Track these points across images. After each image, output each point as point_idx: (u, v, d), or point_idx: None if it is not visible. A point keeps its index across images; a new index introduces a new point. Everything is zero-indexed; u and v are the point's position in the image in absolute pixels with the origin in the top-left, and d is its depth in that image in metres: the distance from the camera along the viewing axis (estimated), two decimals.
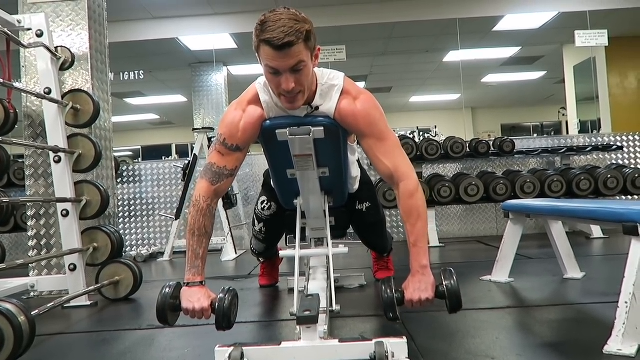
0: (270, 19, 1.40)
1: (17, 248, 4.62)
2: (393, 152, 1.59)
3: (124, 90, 8.60)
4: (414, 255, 1.51)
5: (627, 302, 1.40)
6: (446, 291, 1.44)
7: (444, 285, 1.45)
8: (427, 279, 1.47)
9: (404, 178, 1.57)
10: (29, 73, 2.84)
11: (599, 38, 5.57)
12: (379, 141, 1.59)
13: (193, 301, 1.44)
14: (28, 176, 2.81)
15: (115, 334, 1.94)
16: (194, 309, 1.44)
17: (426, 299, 1.44)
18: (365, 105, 1.59)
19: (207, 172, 1.60)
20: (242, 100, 1.63)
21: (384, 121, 1.62)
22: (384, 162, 1.58)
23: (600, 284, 2.36)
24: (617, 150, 4.70)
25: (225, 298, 1.42)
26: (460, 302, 1.44)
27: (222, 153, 1.59)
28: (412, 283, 1.47)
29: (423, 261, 1.49)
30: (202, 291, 1.47)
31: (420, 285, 1.46)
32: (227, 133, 1.59)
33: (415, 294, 1.45)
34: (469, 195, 4.15)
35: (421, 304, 1.45)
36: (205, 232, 1.56)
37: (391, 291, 1.43)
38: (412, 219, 1.55)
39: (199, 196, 1.58)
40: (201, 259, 1.55)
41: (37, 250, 2.78)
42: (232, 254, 4.09)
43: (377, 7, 5.94)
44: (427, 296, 1.44)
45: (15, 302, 1.62)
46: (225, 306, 1.41)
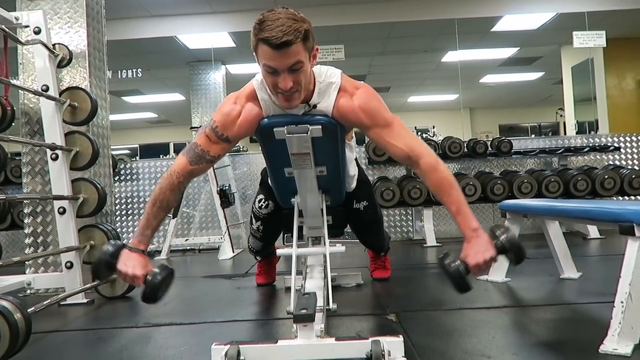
0: (268, 18, 1.40)
1: (14, 245, 4.61)
2: (402, 134, 1.59)
3: (121, 89, 8.59)
4: (462, 222, 1.49)
5: (622, 302, 1.41)
6: (507, 243, 1.42)
7: (501, 240, 1.42)
8: (483, 240, 1.44)
9: (422, 155, 1.55)
10: (26, 70, 2.83)
11: (597, 39, 5.58)
12: (385, 128, 1.59)
13: (129, 265, 1.47)
14: (25, 173, 2.80)
15: (111, 331, 1.94)
16: (126, 272, 1.46)
17: (490, 258, 1.41)
18: (363, 99, 1.60)
19: (190, 151, 1.60)
20: (241, 95, 1.62)
21: (385, 108, 1.62)
22: (397, 145, 1.57)
23: (597, 284, 2.37)
24: (614, 151, 4.72)
25: (158, 273, 1.45)
26: (523, 251, 1.43)
27: (210, 138, 1.59)
28: (470, 249, 1.44)
29: (473, 224, 1.47)
30: (141, 259, 1.50)
31: (479, 247, 1.43)
32: (221, 122, 1.59)
33: (478, 257, 1.41)
34: (466, 195, 4.15)
35: (487, 265, 1.41)
36: (166, 206, 1.59)
37: (455, 263, 1.41)
38: (445, 189, 1.53)
39: (174, 171, 1.58)
40: (152, 229, 1.58)
41: (33, 248, 2.77)
42: (230, 253, 4.09)
43: (376, 7, 5.94)
44: (490, 255, 1.41)
45: (11, 300, 1.61)
46: (156, 281, 1.44)
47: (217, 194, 4.20)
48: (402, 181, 4.28)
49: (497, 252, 1.42)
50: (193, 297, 2.62)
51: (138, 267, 1.47)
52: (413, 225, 4.76)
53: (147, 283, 1.44)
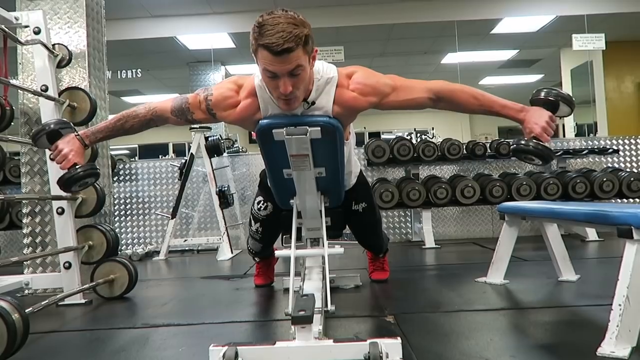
0: (268, 22, 1.39)
1: (12, 245, 4.60)
2: (411, 86, 1.65)
3: (121, 89, 8.59)
4: (510, 112, 1.60)
5: (620, 305, 1.41)
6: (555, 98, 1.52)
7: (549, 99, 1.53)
8: (534, 111, 1.55)
9: (438, 90, 1.64)
10: (25, 70, 2.83)
11: (596, 42, 5.59)
12: (393, 92, 1.64)
13: (67, 146, 1.58)
14: (24, 173, 2.80)
15: (109, 332, 1.94)
16: (62, 150, 1.58)
17: (549, 117, 1.51)
18: (360, 83, 1.62)
19: (178, 101, 1.66)
20: (245, 87, 1.64)
21: (381, 76, 1.66)
22: (413, 98, 1.64)
23: (595, 287, 2.37)
24: (613, 153, 4.72)
25: (83, 168, 1.59)
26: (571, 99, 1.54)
27: (199, 105, 1.64)
28: (529, 123, 1.54)
29: (518, 106, 1.59)
30: (80, 149, 1.62)
31: (535, 117, 1.53)
32: (215, 100, 1.63)
33: (540, 124, 1.51)
34: (465, 197, 4.16)
35: (549, 125, 1.51)
36: (127, 129, 1.71)
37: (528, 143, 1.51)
38: (475, 100, 1.63)
39: (153, 107, 1.67)
40: (103, 135, 1.70)
41: (32, 248, 2.77)
42: (228, 254, 4.08)
43: (376, 9, 5.95)
44: (547, 115, 1.51)
45: (9, 300, 1.61)
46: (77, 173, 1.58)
47: (216, 195, 4.20)
48: (401, 183, 4.28)
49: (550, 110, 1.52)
50: (191, 298, 2.62)
51: (73, 152, 1.58)
52: (412, 226, 4.76)
53: (70, 169, 1.57)
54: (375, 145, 4.34)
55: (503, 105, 1.61)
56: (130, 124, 1.69)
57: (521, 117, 1.56)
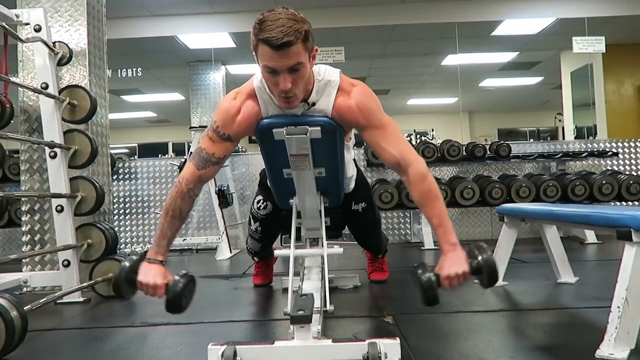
0: (268, 19, 1.40)
1: (11, 243, 4.60)
2: (395, 139, 1.59)
3: (121, 87, 8.57)
4: (441, 235, 1.49)
5: (619, 307, 1.41)
6: (482, 264, 1.40)
7: (478, 261, 1.41)
8: (460, 254, 1.44)
9: (412, 163, 1.55)
10: (26, 68, 2.83)
11: (597, 44, 5.59)
12: (379, 130, 1.59)
13: (149, 276, 1.46)
14: (23, 171, 2.79)
15: (107, 330, 1.94)
16: (147, 283, 1.45)
17: (463, 273, 1.40)
18: (360, 98, 1.59)
19: (195, 156, 1.61)
20: (241, 92, 1.62)
21: (380, 109, 1.62)
22: (388, 150, 1.57)
23: (594, 289, 2.37)
24: (612, 156, 4.72)
25: (179, 281, 1.43)
26: (496, 275, 1.41)
27: (213, 140, 1.60)
28: (445, 261, 1.44)
29: (452, 239, 1.47)
30: (160, 270, 1.49)
31: (455, 261, 1.42)
32: (221, 121, 1.59)
33: (451, 270, 1.40)
34: (464, 198, 4.16)
35: (458, 280, 1.41)
36: (179, 215, 1.57)
37: (428, 274, 1.40)
38: (429, 201, 1.53)
39: (182, 178, 1.59)
40: (168, 240, 1.57)
41: (30, 246, 2.77)
42: (227, 253, 4.08)
43: (376, 10, 5.95)
44: (463, 269, 1.40)
45: (8, 297, 1.61)
46: (178, 289, 1.41)
47: (215, 194, 4.20)
48: (401, 184, 4.28)
49: (471, 270, 1.41)
50: None
51: (158, 276, 1.45)
52: (411, 227, 4.76)
53: (168, 291, 1.42)
54: None
55: (441, 224, 1.50)
56: (177, 209, 1.57)
57: (445, 249, 1.47)
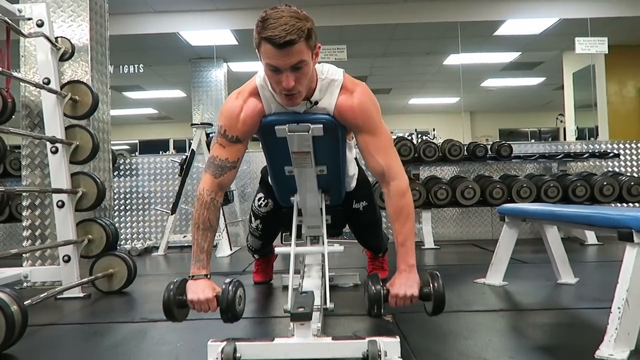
0: (271, 16, 1.40)
1: (11, 238, 4.60)
2: (386, 149, 1.60)
3: (122, 84, 8.57)
4: (402, 254, 1.53)
5: (620, 308, 1.41)
6: (432, 292, 1.44)
7: (430, 287, 1.45)
8: (413, 277, 1.49)
9: (395, 177, 1.58)
10: (28, 63, 2.83)
11: (599, 45, 5.58)
12: (372, 136, 1.60)
13: (198, 293, 1.46)
14: (24, 166, 2.79)
15: (107, 326, 1.94)
16: (199, 299, 1.45)
17: (411, 295, 1.45)
18: (362, 99, 1.60)
19: (210, 165, 1.61)
20: (243, 90, 1.62)
21: (379, 116, 1.62)
22: (376, 158, 1.59)
23: (594, 290, 2.37)
24: (613, 157, 4.72)
25: (229, 289, 1.43)
26: (443, 305, 1.45)
27: (223, 145, 1.60)
28: (397, 280, 1.49)
29: (410, 260, 1.51)
30: (207, 283, 1.49)
31: (407, 282, 1.47)
32: (226, 124, 1.59)
33: (400, 289, 1.45)
34: (465, 198, 4.16)
35: (405, 300, 1.46)
36: (209, 226, 1.58)
37: (378, 286, 1.44)
38: (401, 218, 1.56)
39: (203, 190, 1.59)
40: (206, 252, 1.57)
41: (31, 241, 2.77)
42: (227, 250, 4.08)
43: (379, 8, 5.94)
44: (412, 292, 1.45)
45: (8, 292, 1.61)
46: (230, 297, 1.42)
47: None
48: None
49: (420, 296, 1.46)
50: None
51: (207, 290, 1.46)
52: None
53: (221, 302, 1.43)
54: None
55: (404, 244, 1.53)
56: (206, 221, 1.57)
57: (400, 269, 1.50)
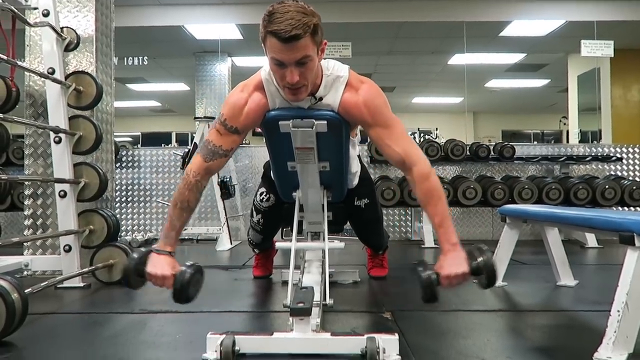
0: (278, 11, 1.40)
1: (12, 227, 4.61)
2: (401, 138, 1.59)
3: (126, 76, 8.56)
4: (442, 235, 1.50)
5: (619, 311, 1.41)
6: (482, 265, 1.42)
7: (478, 262, 1.43)
8: (460, 255, 1.45)
9: (416, 162, 1.56)
10: (33, 52, 2.82)
11: (605, 49, 5.56)
12: (385, 129, 1.59)
13: (157, 267, 1.48)
14: (27, 155, 2.80)
15: (107, 316, 1.94)
16: (156, 274, 1.47)
17: (462, 273, 1.42)
18: (368, 95, 1.59)
19: (203, 148, 1.62)
20: (249, 84, 1.63)
21: (388, 108, 1.62)
22: (393, 148, 1.58)
23: (593, 293, 2.37)
24: (616, 161, 4.71)
25: (186, 271, 1.44)
26: (495, 277, 1.44)
27: (220, 132, 1.61)
28: (445, 261, 1.45)
29: (452, 239, 1.48)
30: (168, 260, 1.51)
31: (455, 260, 1.44)
32: (228, 114, 1.60)
33: (451, 269, 1.42)
34: (466, 198, 4.16)
35: (457, 279, 1.43)
36: (187, 207, 1.59)
37: (428, 271, 1.42)
38: (433, 200, 1.54)
39: (190, 170, 1.60)
40: (176, 231, 1.59)
41: (32, 230, 2.77)
42: (227, 244, 4.09)
43: (385, 6, 5.93)
44: (463, 270, 1.42)
45: (9, 280, 1.62)
46: (185, 279, 1.43)
47: (217, 185, 4.20)
48: (403, 181, 4.28)
49: (470, 271, 1.43)
50: None
51: (166, 267, 1.47)
52: (412, 225, 4.76)
53: (176, 282, 1.43)
54: None
55: (442, 224, 1.51)
56: (186, 201, 1.59)
57: (445, 249, 1.48)
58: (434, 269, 1.44)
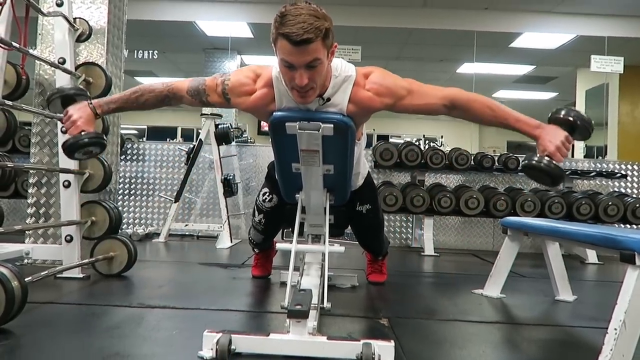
0: (290, 13, 1.41)
1: (15, 214, 4.63)
2: (427, 92, 1.64)
3: (136, 69, 8.60)
4: (525, 125, 1.56)
5: (616, 329, 1.41)
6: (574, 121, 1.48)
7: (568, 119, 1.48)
8: (550, 129, 1.51)
9: (454, 98, 1.62)
10: (44, 41, 2.84)
11: (615, 65, 5.56)
12: (409, 96, 1.63)
13: (78, 113, 1.61)
14: (34, 144, 2.81)
15: (105, 308, 1.95)
16: (71, 116, 1.60)
17: (565, 138, 1.47)
18: (375, 84, 1.63)
19: (194, 82, 1.69)
20: (262, 77, 1.66)
21: (399, 79, 1.66)
22: (428, 103, 1.63)
23: (591, 309, 2.36)
24: (620, 178, 4.70)
25: (88, 135, 1.61)
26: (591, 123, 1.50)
27: (216, 88, 1.66)
28: (544, 141, 1.50)
29: (534, 122, 1.55)
30: (90, 116, 1.64)
31: (550, 134, 1.49)
32: (232, 85, 1.65)
33: (553, 142, 1.47)
34: (469, 208, 4.16)
35: (565, 146, 1.47)
36: (142, 103, 1.69)
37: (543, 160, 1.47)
38: (492, 110, 1.59)
39: (170, 85, 1.68)
40: (117, 106, 1.70)
41: (35, 218, 2.79)
42: (228, 242, 4.10)
43: (396, 12, 5.94)
44: (563, 135, 1.47)
45: (10, 267, 1.63)
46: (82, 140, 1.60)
47: (220, 183, 4.21)
48: (406, 188, 4.28)
49: (568, 131, 1.48)
50: (188, 283, 2.63)
51: (83, 119, 1.60)
52: (413, 232, 4.76)
53: (77, 135, 1.59)
54: (383, 147, 4.34)
55: (517, 119, 1.57)
56: (145, 97, 1.69)
57: (536, 133, 1.52)
58: (540, 153, 1.49)
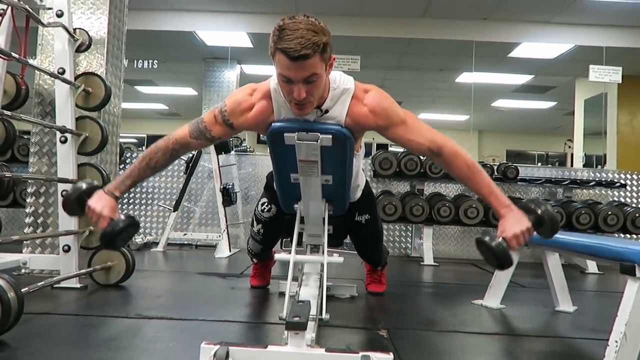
0: (288, 27, 1.40)
1: (12, 223, 4.61)
2: (419, 129, 1.62)
3: (135, 78, 8.62)
4: (495, 201, 1.54)
5: (617, 341, 1.40)
6: (542, 216, 1.47)
7: (537, 214, 1.47)
8: (517, 213, 1.50)
9: (442, 145, 1.59)
10: (44, 51, 2.85)
11: (613, 74, 5.57)
12: (401, 126, 1.61)
13: (99, 204, 1.53)
14: (32, 153, 2.81)
15: (102, 319, 1.94)
16: (95, 209, 1.52)
17: (527, 228, 1.46)
18: (374, 102, 1.61)
19: (194, 124, 1.67)
20: (258, 89, 1.65)
21: (397, 106, 1.64)
22: (416, 141, 1.60)
23: (591, 320, 2.35)
24: (620, 187, 4.70)
25: (122, 221, 1.52)
26: (558, 224, 1.49)
27: (216, 119, 1.64)
28: (506, 223, 1.48)
29: (505, 202, 1.53)
30: (111, 203, 1.56)
31: (515, 220, 1.48)
32: (230, 108, 1.63)
33: (514, 228, 1.46)
34: (468, 217, 4.15)
35: (524, 236, 1.46)
36: (153, 166, 1.65)
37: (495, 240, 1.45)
38: (472, 173, 1.57)
39: (173, 137, 1.66)
40: (132, 181, 1.65)
41: (33, 228, 2.78)
42: (226, 252, 4.08)
43: (395, 22, 5.97)
44: (526, 225, 1.46)
45: (6, 278, 1.61)
46: (117, 227, 1.50)
47: (219, 192, 4.20)
48: (405, 197, 4.27)
49: (533, 225, 1.47)
50: (186, 293, 2.62)
51: (107, 208, 1.52)
52: (412, 242, 4.74)
53: (109, 225, 1.50)
54: (382, 157, 4.34)
55: (491, 191, 1.55)
56: (155, 160, 1.65)
57: (502, 212, 1.51)
58: (498, 235, 1.47)
